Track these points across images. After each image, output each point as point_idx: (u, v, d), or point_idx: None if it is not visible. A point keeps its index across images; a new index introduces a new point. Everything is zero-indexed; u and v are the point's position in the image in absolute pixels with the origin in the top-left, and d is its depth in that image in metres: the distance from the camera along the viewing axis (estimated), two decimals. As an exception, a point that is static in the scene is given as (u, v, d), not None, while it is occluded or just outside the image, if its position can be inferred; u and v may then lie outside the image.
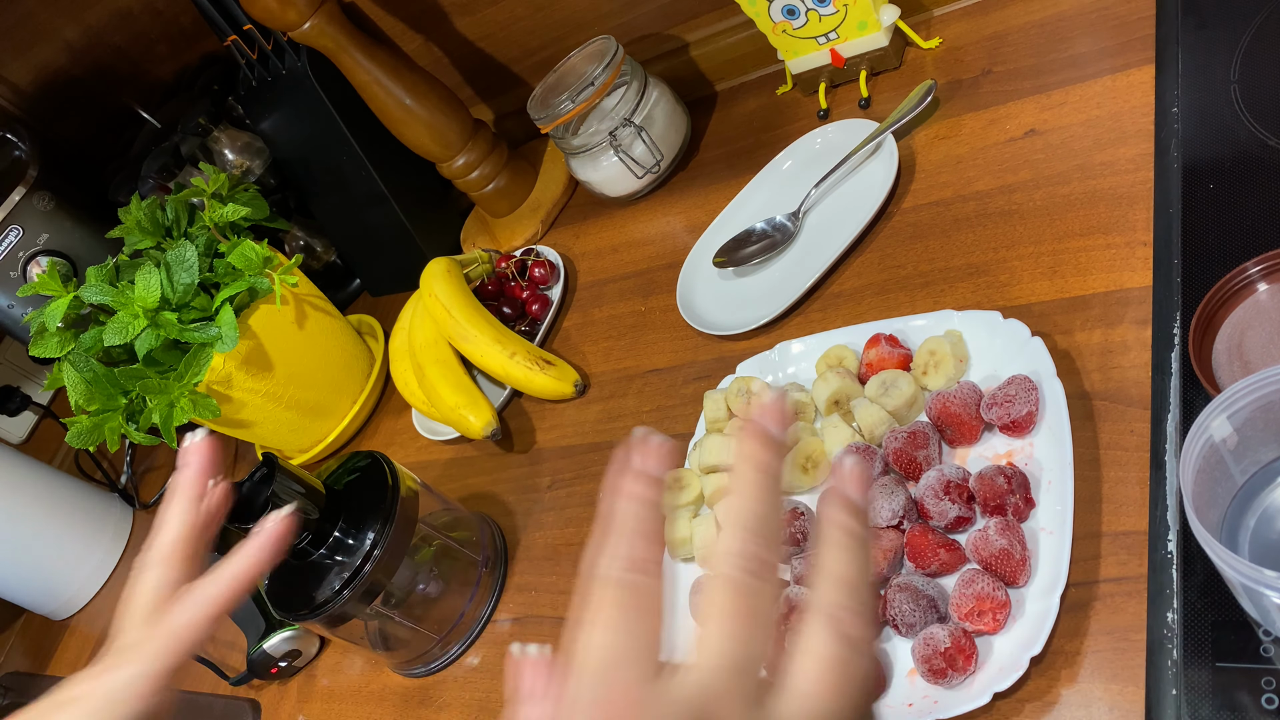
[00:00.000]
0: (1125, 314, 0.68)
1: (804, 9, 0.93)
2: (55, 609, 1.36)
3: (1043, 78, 0.85)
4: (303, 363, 1.10)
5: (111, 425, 1.00)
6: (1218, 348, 0.61)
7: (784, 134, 1.02)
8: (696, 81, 1.13)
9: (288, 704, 1.00)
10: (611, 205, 1.13)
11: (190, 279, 0.99)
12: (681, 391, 0.90)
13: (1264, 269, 0.60)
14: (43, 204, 1.27)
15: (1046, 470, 0.64)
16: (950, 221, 0.83)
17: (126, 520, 1.40)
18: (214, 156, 1.26)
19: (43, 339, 1.03)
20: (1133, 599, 0.58)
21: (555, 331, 1.07)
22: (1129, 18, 0.82)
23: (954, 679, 0.59)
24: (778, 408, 0.39)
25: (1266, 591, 0.47)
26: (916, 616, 0.62)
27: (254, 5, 1.00)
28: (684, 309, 0.94)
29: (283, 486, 0.78)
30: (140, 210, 1.09)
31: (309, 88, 1.13)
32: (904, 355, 0.75)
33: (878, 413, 0.72)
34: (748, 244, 0.94)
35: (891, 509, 0.66)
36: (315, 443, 1.17)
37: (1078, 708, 0.57)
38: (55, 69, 1.42)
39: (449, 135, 1.11)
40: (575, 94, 1.01)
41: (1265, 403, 0.51)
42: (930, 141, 0.89)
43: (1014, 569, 0.61)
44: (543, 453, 0.97)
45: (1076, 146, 0.79)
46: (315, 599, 0.80)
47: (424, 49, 1.20)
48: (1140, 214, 0.72)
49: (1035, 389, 0.66)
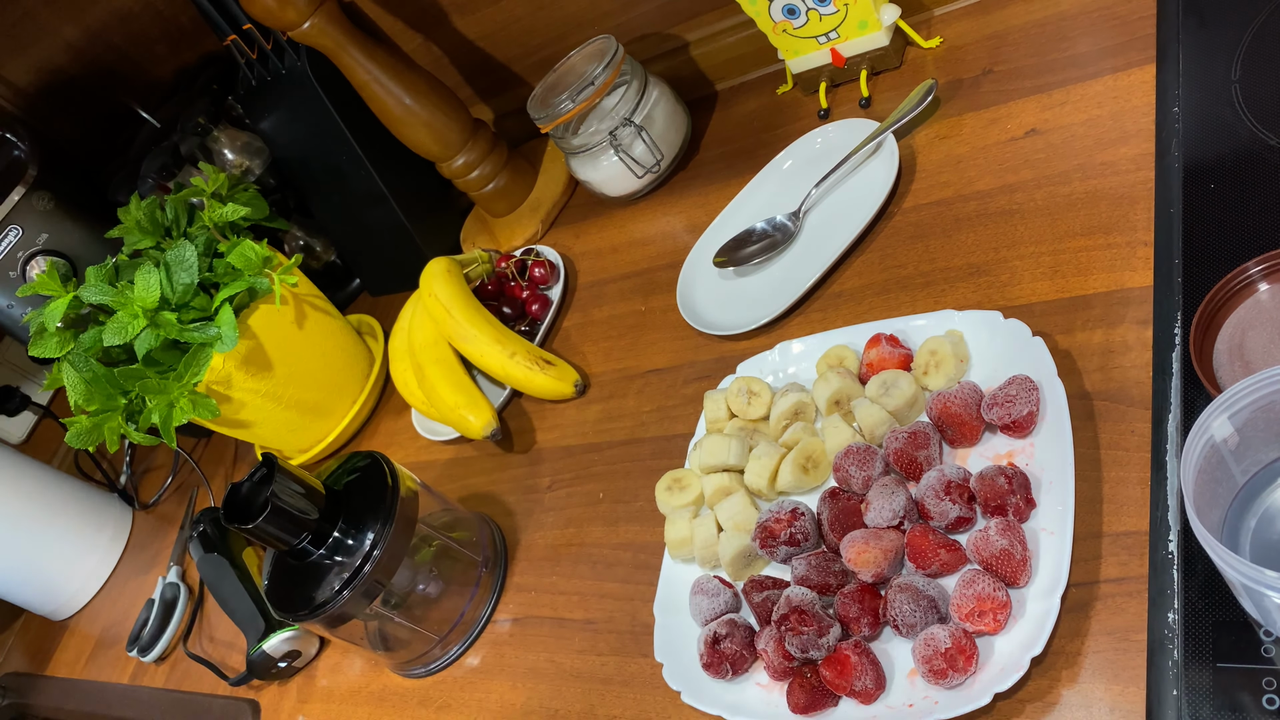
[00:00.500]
0: (1126, 314, 0.68)
1: (804, 8, 0.93)
2: (54, 609, 1.36)
3: (1043, 77, 0.85)
4: (302, 363, 1.09)
5: (111, 425, 1.00)
6: (1219, 348, 0.61)
7: (784, 133, 1.02)
8: (697, 81, 1.13)
9: (287, 704, 1.00)
10: (611, 205, 1.13)
11: (190, 279, 0.99)
12: (682, 391, 0.90)
13: (1265, 269, 0.60)
14: (42, 204, 1.27)
15: (1047, 470, 0.64)
16: (951, 221, 0.82)
17: (126, 520, 1.40)
18: (213, 156, 1.26)
19: (42, 339, 1.03)
20: (1134, 599, 0.58)
21: (555, 331, 1.07)
22: (1130, 17, 0.82)
23: (955, 679, 0.59)
24: None
25: (1267, 592, 0.47)
26: (917, 617, 0.62)
27: (253, 5, 1.00)
28: (684, 309, 0.94)
29: (282, 486, 0.78)
30: (140, 210, 1.09)
31: (308, 87, 1.13)
32: (905, 355, 0.74)
33: (878, 413, 0.72)
34: (748, 244, 0.94)
35: (892, 509, 0.66)
36: (315, 443, 1.17)
37: (1078, 708, 0.57)
38: (55, 68, 1.42)
39: (449, 135, 1.11)
40: (575, 93, 1.01)
41: (1266, 403, 0.51)
42: (931, 141, 0.89)
43: (1015, 569, 0.60)
44: (543, 453, 0.97)
45: (1077, 146, 0.79)
46: (315, 599, 0.80)
47: (424, 48, 1.20)
48: (1141, 214, 0.72)
49: (1036, 389, 0.66)
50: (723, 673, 0.68)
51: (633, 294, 1.03)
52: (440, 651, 0.88)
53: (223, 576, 1.07)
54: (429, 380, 1.02)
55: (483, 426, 0.98)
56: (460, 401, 0.99)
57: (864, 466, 0.70)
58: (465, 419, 0.99)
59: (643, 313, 1.00)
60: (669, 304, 0.97)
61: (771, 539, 0.70)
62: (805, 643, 0.64)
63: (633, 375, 0.96)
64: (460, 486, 1.02)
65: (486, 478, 1.00)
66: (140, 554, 1.35)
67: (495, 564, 0.91)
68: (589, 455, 0.93)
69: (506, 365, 0.99)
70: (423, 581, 0.87)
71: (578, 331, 1.05)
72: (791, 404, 0.77)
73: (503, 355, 1.00)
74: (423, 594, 0.87)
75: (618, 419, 0.93)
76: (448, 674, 0.88)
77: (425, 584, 0.87)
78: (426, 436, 1.08)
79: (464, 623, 0.88)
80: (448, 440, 1.07)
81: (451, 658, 0.88)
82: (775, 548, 0.70)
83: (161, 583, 1.20)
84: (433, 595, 0.87)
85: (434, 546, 0.87)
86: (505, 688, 0.83)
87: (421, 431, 1.09)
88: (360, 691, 0.94)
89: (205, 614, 1.16)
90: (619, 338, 1.00)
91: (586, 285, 1.08)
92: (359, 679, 0.95)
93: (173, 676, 1.14)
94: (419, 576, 0.86)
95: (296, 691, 1.00)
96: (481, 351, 1.01)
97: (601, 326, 1.03)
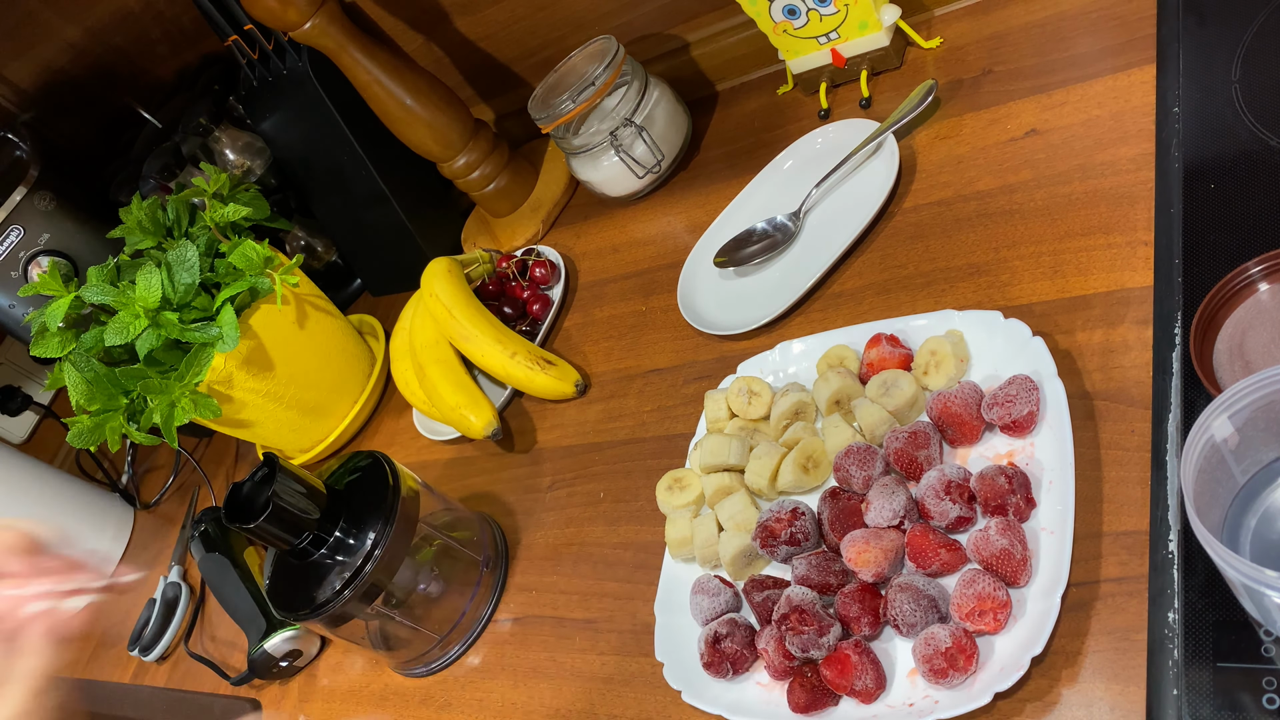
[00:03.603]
0: (1126, 314, 0.68)
1: (805, 9, 0.93)
2: (56, 609, 1.36)
3: (1044, 77, 0.85)
4: (304, 362, 1.10)
5: (112, 425, 1.00)
6: (1219, 347, 0.61)
7: (785, 134, 1.02)
8: (697, 81, 1.13)
9: (288, 704, 1.00)
10: (612, 205, 1.13)
11: (191, 279, 0.99)
12: (682, 391, 0.90)
13: (1265, 269, 0.60)
14: (44, 204, 1.27)
15: (1047, 470, 0.64)
16: (951, 221, 0.83)
17: (127, 520, 1.40)
18: (215, 156, 1.27)
19: (44, 339, 1.04)
20: (1134, 599, 0.58)
21: (556, 331, 1.07)
22: (1130, 17, 0.82)
23: (955, 679, 0.59)
24: None
25: (1267, 591, 0.47)
26: (917, 616, 0.62)
27: (255, 5, 1.00)
28: (685, 309, 0.94)
29: (283, 486, 0.78)
30: (141, 210, 1.09)
31: (310, 88, 1.13)
32: (905, 355, 0.75)
33: (879, 413, 0.72)
34: (749, 244, 0.94)
35: (893, 509, 0.66)
36: (316, 442, 1.17)
37: (1079, 708, 0.57)
38: (56, 69, 1.42)
39: (450, 135, 1.11)
40: (576, 94, 1.01)
41: (1266, 402, 0.51)
42: (931, 141, 0.89)
43: (1015, 569, 0.61)
44: (544, 453, 0.97)
45: (1077, 146, 0.79)
46: (316, 599, 0.80)
47: (425, 49, 1.20)
48: (1141, 214, 0.72)
49: (1036, 389, 0.66)
50: (723, 672, 0.68)
51: (633, 294, 1.03)
52: (441, 651, 0.88)
53: (224, 576, 1.07)
54: (430, 380, 1.02)
55: (484, 426, 0.98)
56: (461, 401, 0.99)
57: (864, 466, 0.70)
58: (466, 419, 0.99)
59: (643, 313, 1.00)
60: (669, 304, 0.97)
61: (772, 538, 0.70)
62: (806, 642, 0.64)
63: (633, 375, 0.96)
64: (461, 486, 1.02)
65: (487, 477, 1.01)
66: (142, 553, 1.35)
67: (496, 563, 0.91)
68: (590, 455, 0.93)
69: (507, 365, 0.99)
70: (424, 581, 0.87)
71: (578, 331, 1.05)
72: (792, 404, 0.77)
73: (504, 355, 1.00)
74: (424, 593, 0.87)
75: (618, 419, 0.93)
76: (449, 673, 0.88)
77: (426, 583, 0.87)
78: (427, 436, 1.08)
79: (465, 622, 0.88)
80: (449, 440, 1.07)
81: (452, 657, 0.89)
82: (776, 547, 0.70)
83: (163, 582, 1.20)
84: (434, 595, 0.87)
85: (435, 546, 0.87)
86: (506, 687, 0.83)
87: (422, 431, 1.09)
88: (361, 691, 0.94)
89: (206, 613, 1.16)
90: (620, 338, 1.00)
91: (587, 285, 1.09)
92: (360, 678, 0.96)
93: (174, 676, 1.15)
94: (420, 576, 0.87)
95: (298, 691, 1.00)
96: (483, 351, 1.01)
97: (602, 326, 1.03)
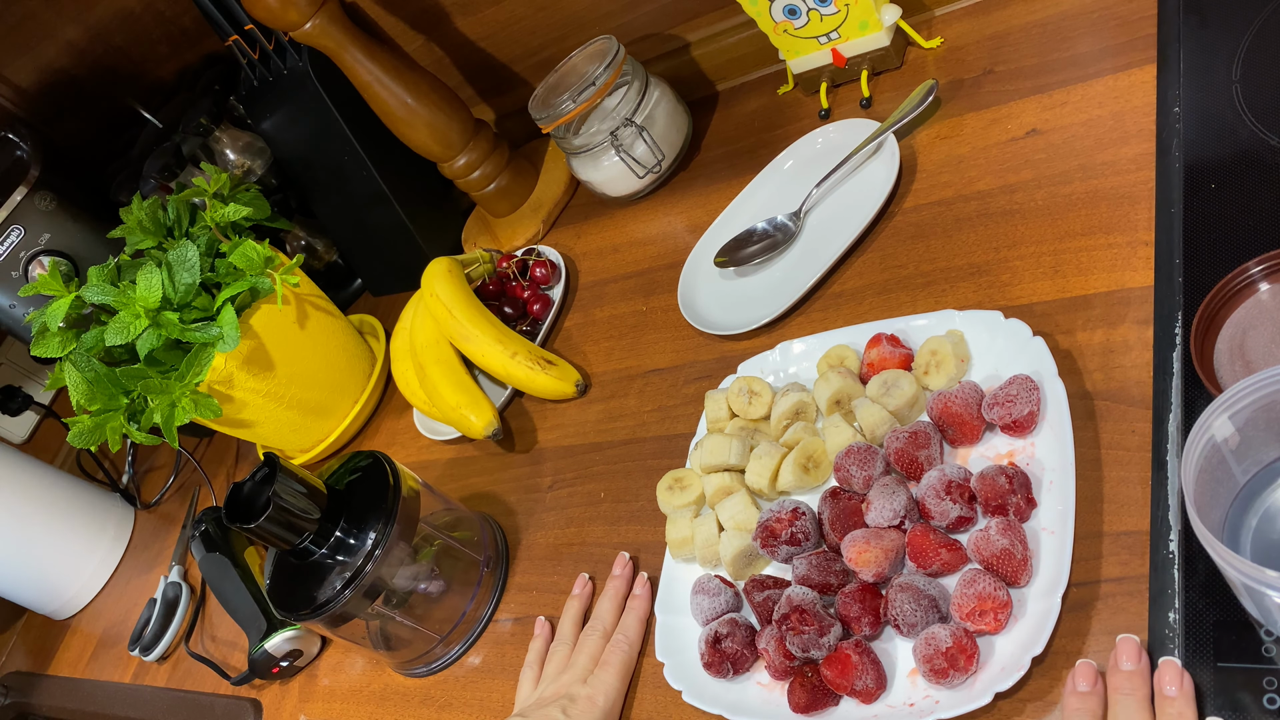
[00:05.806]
0: (1127, 314, 0.68)
1: (805, 9, 0.93)
2: (57, 609, 1.37)
3: (1044, 77, 0.85)
4: (304, 362, 1.10)
5: (113, 425, 1.00)
6: (1219, 347, 0.61)
7: (785, 134, 1.02)
8: (698, 81, 1.13)
9: (289, 704, 1.00)
10: (613, 205, 1.13)
11: (192, 279, 0.99)
12: (683, 391, 0.90)
13: (1266, 268, 0.60)
14: (44, 204, 1.27)
15: (1048, 470, 0.64)
16: (952, 221, 0.83)
17: (128, 520, 1.40)
18: (215, 156, 1.27)
19: (44, 339, 1.04)
20: (1134, 599, 0.58)
21: (556, 331, 1.07)
22: (1130, 17, 0.82)
23: (955, 679, 0.59)
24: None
25: (1268, 591, 0.47)
26: (918, 616, 0.62)
27: (255, 5, 1.00)
28: (685, 309, 0.94)
29: (284, 486, 0.78)
30: (142, 210, 1.09)
31: (310, 88, 1.13)
32: (905, 355, 0.75)
33: (879, 413, 0.72)
34: (749, 244, 0.94)
35: (893, 509, 0.66)
36: (317, 442, 1.17)
37: (1079, 708, 0.57)
38: (57, 69, 1.42)
39: (450, 135, 1.11)
40: (576, 94, 1.01)
41: (1267, 402, 0.51)
42: (932, 141, 0.89)
43: (1015, 569, 0.61)
44: (544, 452, 0.97)
45: (1078, 146, 0.79)
46: (317, 599, 0.80)
47: (425, 49, 1.20)
48: (1142, 213, 0.72)
49: (1037, 389, 0.66)
50: (724, 672, 0.68)
51: (634, 294, 1.03)
52: (442, 651, 0.88)
53: (225, 576, 1.07)
54: (430, 380, 1.02)
55: (484, 426, 0.98)
56: (462, 401, 0.99)
57: (865, 466, 0.70)
58: (467, 419, 0.99)
59: (644, 313, 1.00)
60: (670, 304, 0.97)
61: (772, 538, 0.70)
62: (806, 642, 0.64)
63: (634, 375, 0.96)
64: (462, 486, 1.02)
65: (488, 477, 1.01)
66: (142, 553, 1.35)
67: (497, 563, 0.91)
68: (590, 455, 0.93)
69: (508, 365, 0.99)
70: (424, 581, 0.87)
71: (579, 331, 1.05)
72: (792, 404, 0.77)
73: (504, 355, 1.00)
74: (424, 593, 0.87)
75: (619, 419, 0.93)
76: (449, 673, 0.88)
77: (427, 583, 0.87)
78: (428, 436, 1.08)
79: (465, 622, 0.88)
80: (449, 440, 1.07)
81: (453, 657, 0.89)
82: (776, 547, 0.70)
83: (163, 582, 1.20)
84: (434, 594, 0.87)
85: (435, 546, 0.87)
86: (507, 687, 0.83)
87: (423, 431, 1.09)
88: (362, 691, 0.94)
89: (207, 613, 1.16)
90: (620, 337, 1.00)
91: (588, 285, 1.09)
92: (360, 678, 0.96)
93: (174, 676, 1.15)
94: (421, 576, 0.87)
95: (298, 691, 1.00)
96: (483, 351, 1.01)
97: (603, 326, 1.03)
